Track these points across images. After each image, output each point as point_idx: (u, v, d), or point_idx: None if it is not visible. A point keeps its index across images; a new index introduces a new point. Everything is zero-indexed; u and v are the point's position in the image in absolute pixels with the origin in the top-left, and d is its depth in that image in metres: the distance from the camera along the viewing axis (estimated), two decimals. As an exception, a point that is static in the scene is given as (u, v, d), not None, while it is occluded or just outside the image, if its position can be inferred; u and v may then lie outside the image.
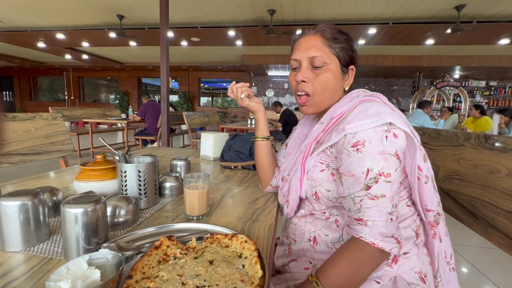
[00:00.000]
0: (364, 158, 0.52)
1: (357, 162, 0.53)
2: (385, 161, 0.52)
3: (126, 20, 4.97)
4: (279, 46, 6.18)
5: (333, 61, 0.64)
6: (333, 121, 0.61)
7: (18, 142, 1.28)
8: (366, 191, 0.52)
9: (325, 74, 0.64)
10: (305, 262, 0.65)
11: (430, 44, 5.49)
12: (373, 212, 0.51)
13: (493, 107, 8.54)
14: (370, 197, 0.52)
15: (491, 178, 0.71)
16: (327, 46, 0.64)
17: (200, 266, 0.44)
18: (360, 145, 0.53)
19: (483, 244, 1.90)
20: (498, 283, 1.57)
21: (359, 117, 0.54)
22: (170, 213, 0.70)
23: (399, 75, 8.81)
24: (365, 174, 0.52)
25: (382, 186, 0.51)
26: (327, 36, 0.64)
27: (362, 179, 0.52)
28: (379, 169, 0.51)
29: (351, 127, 0.54)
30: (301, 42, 0.67)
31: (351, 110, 0.58)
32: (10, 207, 0.48)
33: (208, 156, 1.37)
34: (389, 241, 0.51)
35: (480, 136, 0.77)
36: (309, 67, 0.65)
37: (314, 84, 0.65)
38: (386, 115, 0.53)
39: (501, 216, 0.68)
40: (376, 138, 0.52)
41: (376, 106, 0.55)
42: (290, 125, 4.72)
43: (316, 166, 0.63)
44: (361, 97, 0.60)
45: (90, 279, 0.37)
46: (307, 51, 0.65)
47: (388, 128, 0.53)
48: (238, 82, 0.80)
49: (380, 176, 0.51)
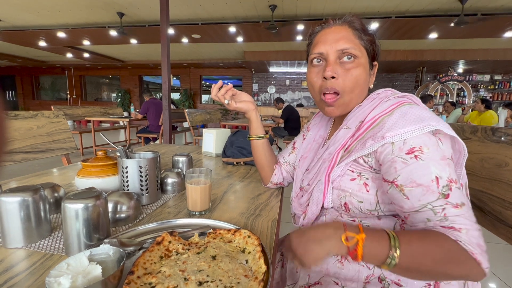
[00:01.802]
0: (428, 165, 0.45)
1: (420, 170, 0.46)
2: (449, 166, 0.46)
3: (127, 18, 4.95)
4: (281, 42, 6.14)
5: (363, 54, 0.58)
6: (365, 127, 0.54)
7: (21, 140, 1.28)
8: (445, 200, 0.44)
9: (357, 69, 0.57)
10: (331, 284, 0.56)
11: (433, 38, 5.41)
12: (462, 219, 0.43)
13: (497, 101, 8.45)
14: (452, 205, 0.44)
15: (499, 172, 0.70)
16: (357, 38, 0.58)
17: (203, 262, 0.43)
18: (418, 151, 0.46)
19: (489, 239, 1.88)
20: (505, 279, 1.56)
21: (400, 123, 0.48)
22: (172, 208, 0.69)
23: (402, 70, 8.73)
24: (435, 182, 0.45)
25: (457, 194, 0.45)
26: (356, 26, 0.58)
27: (433, 188, 0.45)
28: (448, 175, 0.45)
29: (392, 135, 0.47)
30: (326, 34, 0.60)
31: (387, 115, 0.51)
32: (10, 203, 0.48)
33: (210, 153, 1.36)
34: (486, 258, 0.42)
35: (487, 129, 0.76)
36: (337, 61, 0.58)
37: (344, 81, 0.57)
38: (431, 120, 0.47)
39: (509, 210, 0.67)
40: (431, 142, 0.46)
41: (416, 110, 0.49)
42: (292, 121, 4.70)
43: (344, 175, 0.56)
44: (392, 99, 0.53)
45: (91, 275, 0.36)
46: (335, 43, 0.57)
47: (434, 133, 0.48)
48: (228, 82, 0.73)
49: (451, 183, 0.45)
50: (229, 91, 0.73)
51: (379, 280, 0.53)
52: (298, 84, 9.76)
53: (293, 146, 0.84)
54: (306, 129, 0.81)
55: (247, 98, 0.78)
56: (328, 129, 0.74)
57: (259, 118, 0.81)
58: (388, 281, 0.53)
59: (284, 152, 0.85)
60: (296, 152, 0.82)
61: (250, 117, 0.79)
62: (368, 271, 0.54)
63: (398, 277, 0.52)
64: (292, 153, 0.83)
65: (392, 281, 0.52)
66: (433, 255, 0.42)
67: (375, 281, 0.53)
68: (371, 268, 0.54)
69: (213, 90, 0.73)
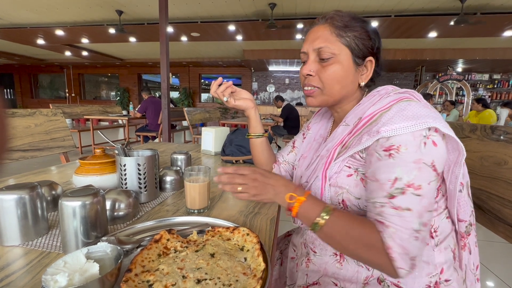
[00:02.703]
0: (395, 164, 0.46)
1: (386, 168, 0.47)
2: (419, 171, 0.45)
3: (125, 16, 4.93)
4: (280, 40, 6.12)
5: (342, 51, 0.58)
6: (362, 123, 0.54)
7: (18, 138, 1.28)
8: (389, 199, 0.46)
9: (332, 66, 0.58)
10: (329, 284, 0.57)
11: (433, 37, 5.41)
12: (396, 220, 0.44)
13: (496, 101, 8.46)
14: (392, 206, 0.45)
15: (498, 170, 0.70)
16: (335, 36, 0.58)
17: (201, 259, 0.43)
18: (394, 150, 0.46)
19: (487, 237, 1.89)
20: (503, 277, 1.57)
21: (396, 119, 0.47)
22: (171, 206, 0.69)
23: (401, 69, 8.73)
24: (392, 182, 0.45)
25: (409, 199, 0.44)
26: (336, 24, 0.58)
27: (386, 187, 0.46)
28: (409, 179, 0.44)
29: (387, 130, 0.47)
30: (310, 33, 0.62)
31: (385, 110, 0.50)
32: (7, 200, 0.47)
33: (209, 151, 1.35)
34: (405, 261, 0.43)
35: (486, 128, 0.76)
36: (316, 59, 0.60)
37: (320, 78, 0.60)
38: (428, 118, 0.46)
39: (508, 208, 0.67)
40: (413, 143, 0.45)
41: (415, 107, 0.48)
42: (292, 120, 4.70)
43: (341, 171, 0.56)
44: (392, 95, 0.53)
45: (88, 273, 0.36)
46: (313, 42, 0.60)
47: (427, 134, 0.46)
48: (228, 80, 0.74)
49: (408, 187, 0.44)
50: (228, 88, 0.73)
51: (378, 281, 0.53)
52: (298, 83, 9.75)
53: (293, 145, 0.82)
54: (307, 128, 0.80)
55: (246, 96, 0.77)
56: (328, 128, 0.73)
57: (258, 116, 0.80)
58: (387, 283, 0.52)
59: (284, 151, 0.84)
60: (296, 151, 0.81)
61: (249, 115, 0.79)
62: (367, 272, 0.54)
63: (397, 279, 0.52)
64: (291, 152, 0.82)
65: (392, 283, 0.52)
66: (353, 233, 0.47)
67: (374, 282, 0.53)
68: (370, 270, 0.54)
69: (212, 86, 0.73)
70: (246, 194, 0.55)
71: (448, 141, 0.50)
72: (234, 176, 0.55)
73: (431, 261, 0.52)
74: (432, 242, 0.53)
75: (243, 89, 0.78)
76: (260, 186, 0.54)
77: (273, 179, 0.56)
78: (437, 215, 0.54)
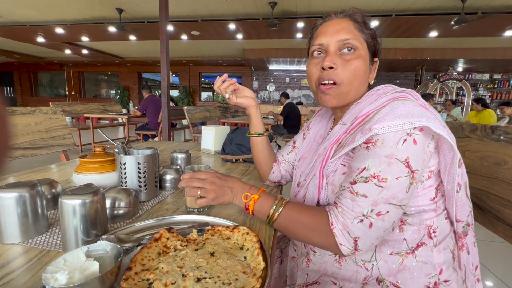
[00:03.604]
0: (368, 156, 0.48)
1: (360, 158, 0.49)
2: (388, 165, 0.46)
3: (126, 14, 4.92)
4: (280, 39, 6.11)
5: (364, 47, 0.58)
6: (357, 121, 0.54)
7: (18, 136, 1.27)
8: (350, 184, 0.49)
9: (357, 60, 0.57)
10: (329, 283, 0.57)
11: (433, 37, 5.41)
12: (348, 201, 0.48)
13: (496, 101, 8.46)
14: (351, 190, 0.48)
15: (498, 170, 0.70)
16: (358, 30, 0.58)
17: (201, 258, 0.43)
18: (372, 143, 0.48)
19: (487, 237, 1.90)
20: (503, 277, 1.57)
21: (388, 117, 0.47)
22: (171, 205, 0.69)
23: (401, 68, 8.72)
24: (360, 170, 0.48)
25: (369, 187, 0.47)
26: (358, 19, 0.58)
27: (354, 174, 0.49)
28: (376, 171, 0.46)
29: (378, 127, 0.47)
30: (327, 26, 0.60)
31: (379, 109, 0.50)
32: (7, 199, 0.47)
33: (209, 150, 1.35)
34: (347, 238, 0.47)
35: (486, 127, 0.75)
36: (337, 52, 0.58)
37: (343, 71, 0.57)
38: (421, 117, 0.45)
39: (507, 208, 0.67)
40: (391, 139, 0.46)
41: (408, 106, 0.47)
42: (292, 119, 4.68)
43: (337, 169, 0.57)
44: (390, 94, 0.52)
45: (89, 271, 0.36)
46: (336, 34, 0.57)
47: (411, 131, 0.46)
48: (231, 78, 0.74)
49: (373, 178, 0.47)
50: (231, 85, 0.74)
51: (377, 281, 0.53)
52: (298, 82, 9.75)
53: (293, 145, 0.82)
54: (307, 128, 0.80)
55: (249, 94, 0.78)
56: (328, 128, 0.72)
57: (259, 115, 0.80)
58: (386, 283, 0.52)
59: (284, 150, 0.84)
60: (296, 151, 0.81)
61: (250, 113, 0.79)
62: (366, 272, 0.54)
63: (396, 279, 0.52)
64: (292, 152, 0.82)
65: (391, 283, 0.52)
66: (303, 222, 0.52)
67: (373, 282, 0.53)
68: (369, 269, 0.54)
69: (217, 82, 0.74)
70: (204, 199, 0.57)
71: (444, 142, 0.51)
72: (192, 180, 0.58)
73: (429, 261, 0.52)
74: (431, 242, 0.53)
75: (246, 87, 0.78)
76: (218, 189, 0.57)
77: (230, 181, 0.59)
78: (436, 216, 0.54)
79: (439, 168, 0.54)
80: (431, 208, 0.54)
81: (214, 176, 0.59)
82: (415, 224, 0.53)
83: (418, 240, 0.52)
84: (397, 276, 0.52)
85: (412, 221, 0.53)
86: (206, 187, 0.57)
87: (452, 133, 0.51)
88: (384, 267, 0.52)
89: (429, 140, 0.49)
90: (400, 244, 0.53)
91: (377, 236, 0.48)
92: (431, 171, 0.53)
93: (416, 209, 0.53)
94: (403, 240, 0.53)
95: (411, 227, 0.53)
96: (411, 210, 0.53)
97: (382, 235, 0.49)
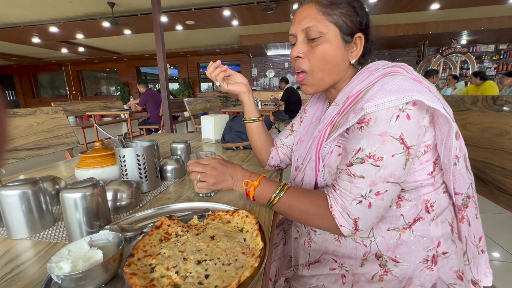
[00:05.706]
0: (362, 136, 0.48)
1: (354, 139, 0.49)
2: (383, 143, 0.46)
3: (118, 8, 4.83)
4: (277, 23, 5.96)
5: (330, 30, 0.56)
6: (349, 101, 0.53)
7: (22, 137, 1.29)
8: (347, 167, 0.49)
9: (322, 46, 0.57)
10: (330, 261, 0.58)
11: (435, 9, 5.20)
12: (346, 184, 0.49)
13: (502, 72, 8.22)
14: (348, 173, 0.49)
15: (499, 141, 0.69)
16: (322, 14, 0.56)
17: (202, 242, 0.44)
18: (365, 122, 0.48)
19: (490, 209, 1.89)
20: (507, 247, 1.58)
21: (379, 94, 0.47)
22: (173, 194, 0.70)
23: (402, 45, 8.48)
24: (355, 152, 0.48)
25: (365, 168, 0.47)
26: (322, 2, 0.57)
27: (349, 156, 0.49)
28: (371, 150, 0.47)
29: (370, 106, 0.46)
30: (296, 14, 0.61)
31: (370, 87, 0.50)
32: (10, 196, 0.49)
33: (210, 139, 1.36)
34: (346, 220, 0.48)
35: (487, 98, 0.74)
36: (305, 40, 0.59)
37: (311, 59, 0.58)
38: (413, 91, 0.45)
39: (509, 178, 0.66)
40: (384, 117, 0.46)
41: (399, 80, 0.47)
42: (292, 104, 4.64)
43: (332, 151, 0.57)
44: (381, 70, 0.52)
45: (93, 259, 0.37)
46: (300, 22, 0.58)
47: (403, 107, 0.45)
48: (230, 67, 0.74)
49: (369, 158, 0.47)
50: (222, 72, 0.74)
51: (376, 257, 0.54)
52: (298, 66, 9.56)
53: (291, 128, 0.82)
54: (303, 111, 0.80)
55: (240, 80, 0.77)
56: (324, 110, 0.72)
57: (252, 100, 0.80)
58: (385, 258, 0.53)
59: (282, 135, 0.84)
60: (294, 134, 0.81)
61: (242, 100, 0.79)
62: (365, 248, 0.55)
63: (395, 254, 0.53)
64: (289, 136, 0.82)
65: (389, 258, 0.53)
66: (302, 207, 0.53)
67: (373, 258, 0.54)
68: (368, 246, 0.55)
69: (209, 67, 0.74)
70: (205, 183, 0.59)
71: (440, 115, 0.50)
72: (195, 165, 0.60)
73: (427, 235, 0.52)
74: (428, 217, 0.53)
75: (238, 73, 0.77)
76: (218, 175, 0.59)
77: (231, 168, 0.61)
78: (434, 190, 0.54)
79: (435, 142, 0.53)
80: (429, 183, 0.54)
81: (216, 162, 0.61)
82: (413, 199, 0.53)
83: (415, 215, 0.53)
84: (395, 251, 0.52)
85: (410, 197, 0.53)
86: (207, 172, 0.59)
87: (448, 106, 0.50)
88: (382, 243, 0.53)
89: (423, 114, 0.48)
90: (397, 220, 0.53)
91: (377, 215, 0.49)
92: (427, 145, 0.52)
93: (414, 185, 0.53)
94: (400, 215, 0.53)
95: (408, 203, 0.53)
96: (409, 186, 0.53)
97: (382, 214, 0.49)
